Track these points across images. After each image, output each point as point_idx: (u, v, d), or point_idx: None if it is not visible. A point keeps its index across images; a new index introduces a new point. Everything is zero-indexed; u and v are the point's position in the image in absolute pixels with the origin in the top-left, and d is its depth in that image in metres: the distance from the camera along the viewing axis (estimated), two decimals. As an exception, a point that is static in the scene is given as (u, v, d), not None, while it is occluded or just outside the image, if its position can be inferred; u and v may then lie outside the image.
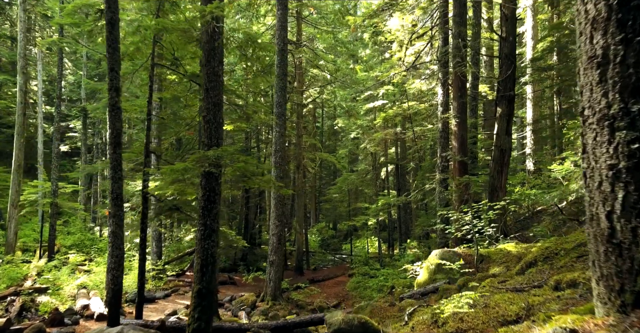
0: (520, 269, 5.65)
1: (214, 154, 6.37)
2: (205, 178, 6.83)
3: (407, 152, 24.44)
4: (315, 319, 8.07)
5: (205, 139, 6.91)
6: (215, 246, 6.83)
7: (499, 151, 12.17)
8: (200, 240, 6.79)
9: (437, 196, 12.92)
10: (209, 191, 6.85)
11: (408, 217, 27.52)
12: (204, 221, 6.82)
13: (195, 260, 6.80)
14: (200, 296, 6.58)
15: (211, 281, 6.71)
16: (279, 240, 14.28)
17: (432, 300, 7.28)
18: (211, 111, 7.01)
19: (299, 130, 21.77)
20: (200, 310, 6.52)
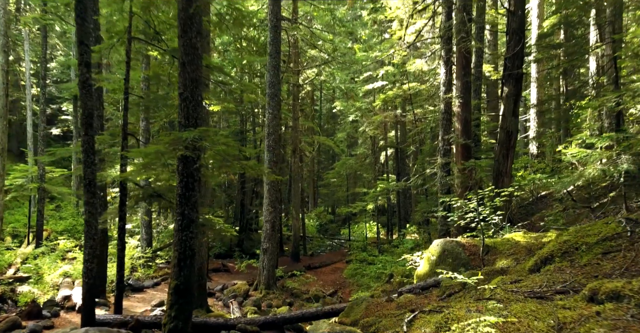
0: (535, 265, 5.00)
1: (189, 135, 5.66)
2: (182, 162, 6.13)
3: (408, 135, 23.69)
4: (306, 314, 7.48)
5: (182, 119, 6.19)
6: (194, 238, 6.17)
7: (504, 134, 11.44)
8: (177, 231, 6.13)
9: (439, 182, 12.26)
10: (187, 177, 6.16)
11: (407, 202, 26.93)
12: (182, 210, 6.15)
13: (172, 253, 6.15)
14: (177, 293, 5.95)
15: (190, 277, 6.07)
16: (273, 226, 13.67)
17: (433, 295, 6.67)
18: (188, 88, 6.26)
19: (295, 113, 20.98)
20: (177, 308, 5.90)
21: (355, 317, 6.49)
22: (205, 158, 6.51)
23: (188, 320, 5.97)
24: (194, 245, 6.18)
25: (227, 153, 6.11)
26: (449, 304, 5.28)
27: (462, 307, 3.69)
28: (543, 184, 16.75)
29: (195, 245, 6.21)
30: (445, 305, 5.63)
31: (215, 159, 6.32)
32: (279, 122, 14.11)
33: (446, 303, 5.82)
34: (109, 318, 7.61)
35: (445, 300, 6.09)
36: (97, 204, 7.43)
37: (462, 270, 7.40)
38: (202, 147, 5.89)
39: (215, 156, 6.21)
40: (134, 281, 13.17)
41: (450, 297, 6.11)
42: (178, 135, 5.70)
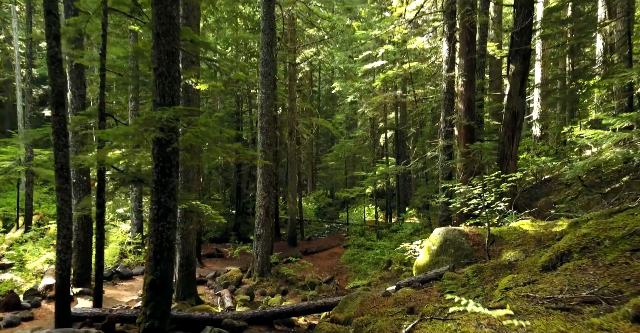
0: (549, 261, 4.44)
1: (162, 115, 5.03)
2: (157, 145, 5.52)
3: (408, 116, 22.98)
4: (297, 309, 6.98)
5: (158, 98, 5.55)
6: (172, 229, 5.61)
7: (510, 114, 10.79)
8: (153, 221, 5.57)
9: (440, 165, 11.66)
10: (163, 161, 5.56)
11: (407, 185, 26.40)
12: (158, 198, 5.57)
13: (147, 245, 5.61)
14: (153, 289, 5.41)
15: (167, 271, 5.53)
16: (267, 211, 13.13)
17: (434, 289, 6.15)
18: (164, 62, 5.60)
19: (291, 93, 20.24)
20: (153, 305, 5.37)
21: (349, 313, 5.98)
22: (184, 141, 5.89)
23: (165, 318, 5.45)
24: (171, 236, 5.62)
25: (207, 135, 5.50)
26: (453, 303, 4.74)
27: (471, 318, 3.13)
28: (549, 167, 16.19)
29: (173, 236, 5.65)
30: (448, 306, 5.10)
31: (195, 142, 5.70)
32: (272, 103, 13.44)
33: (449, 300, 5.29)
34: (85, 312, 7.11)
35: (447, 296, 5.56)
36: (70, 190, 6.86)
37: (464, 262, 6.88)
38: (178, 128, 5.26)
39: (196, 138, 5.60)
40: (122, 268, 12.70)
41: (453, 293, 5.58)
42: (150, 115, 5.08)
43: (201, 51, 8.55)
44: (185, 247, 10.09)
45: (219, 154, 6.10)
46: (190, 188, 10.14)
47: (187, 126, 5.29)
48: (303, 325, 7.65)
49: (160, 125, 5.21)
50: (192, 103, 10.14)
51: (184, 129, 5.27)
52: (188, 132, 5.55)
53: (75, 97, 10.52)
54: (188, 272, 10.13)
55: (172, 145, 5.42)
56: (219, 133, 5.65)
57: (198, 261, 15.11)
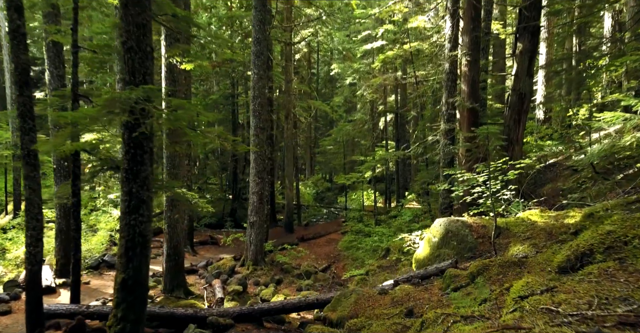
0: (566, 261, 3.90)
1: (129, 96, 4.43)
2: (127, 130, 4.93)
3: (408, 99, 22.27)
4: (287, 306, 6.50)
5: (127, 76, 4.93)
6: (146, 222, 5.06)
7: (517, 96, 10.18)
8: (124, 214, 5.01)
9: (441, 150, 11.08)
10: (134, 147, 4.98)
11: (407, 169, 25.86)
12: (129, 188, 5.00)
13: (118, 240, 5.07)
14: (125, 288, 4.89)
15: (141, 269, 5.00)
16: (260, 198, 12.60)
17: (435, 287, 5.64)
18: (133, 35, 4.97)
19: (287, 75, 19.50)
20: (125, 307, 4.86)
21: (343, 312, 5.49)
22: (160, 125, 5.30)
23: (139, 321, 4.94)
24: (145, 231, 5.07)
25: (181, 118, 4.90)
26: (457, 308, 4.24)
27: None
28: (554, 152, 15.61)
29: (148, 230, 5.11)
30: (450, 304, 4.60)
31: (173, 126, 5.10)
32: (265, 84, 12.76)
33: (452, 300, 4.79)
34: (60, 308, 6.63)
35: (450, 295, 5.06)
36: (38, 178, 6.29)
37: (468, 256, 6.36)
38: (149, 110, 4.66)
39: (174, 122, 5.00)
40: (110, 257, 12.23)
41: (456, 292, 5.08)
42: (115, 95, 4.48)
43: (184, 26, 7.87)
44: (172, 237, 9.58)
45: (198, 140, 5.52)
46: (177, 175, 9.58)
47: (158, 109, 4.68)
48: (295, 321, 7.18)
49: (127, 107, 4.61)
50: (177, 84, 9.50)
51: (156, 112, 4.67)
52: (164, 116, 4.94)
53: (53, 78, 9.86)
54: (176, 263, 9.65)
55: (146, 130, 4.83)
56: (196, 115, 5.04)
57: (190, 249, 14.68)
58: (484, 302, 4.00)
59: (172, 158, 9.48)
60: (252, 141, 12.37)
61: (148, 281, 5.18)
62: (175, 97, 9.47)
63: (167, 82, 9.40)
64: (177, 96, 9.53)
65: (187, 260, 13.76)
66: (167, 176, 9.52)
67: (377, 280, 10.85)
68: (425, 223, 14.29)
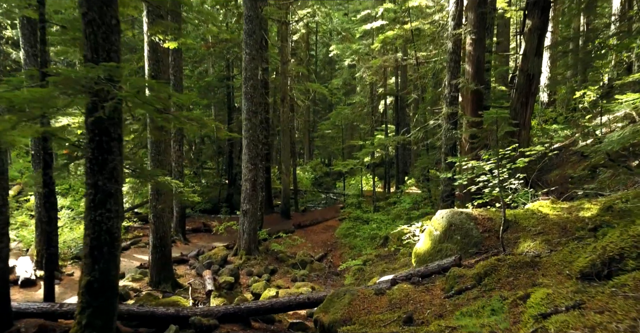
0: (591, 267, 3.37)
1: (87, 75, 3.83)
2: (91, 114, 4.34)
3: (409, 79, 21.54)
4: (276, 305, 6.00)
5: (88, 52, 4.32)
6: (113, 218, 4.51)
7: (524, 77, 9.54)
8: (89, 209, 4.46)
9: (443, 135, 10.48)
10: (99, 134, 4.41)
11: (407, 153, 25.30)
12: (94, 180, 4.44)
13: (83, 238, 4.53)
14: (91, 292, 4.38)
15: (109, 270, 4.48)
16: (254, 185, 12.06)
17: (437, 287, 5.13)
18: (94, 6, 4.33)
19: (283, 56, 18.76)
20: (91, 313, 4.35)
21: (335, 315, 4.99)
22: (131, 108, 4.70)
23: (108, 329, 4.43)
24: (113, 228, 4.53)
25: (150, 101, 4.31)
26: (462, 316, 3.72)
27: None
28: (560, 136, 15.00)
29: (116, 227, 4.56)
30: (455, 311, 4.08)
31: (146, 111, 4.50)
32: (258, 65, 12.09)
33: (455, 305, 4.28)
34: (31, 307, 6.14)
35: (454, 298, 4.55)
36: (1, 168, 5.73)
37: (473, 251, 5.84)
38: (112, 92, 4.06)
39: (144, 105, 4.40)
40: (97, 247, 11.76)
41: (461, 294, 4.57)
42: (69, 73, 3.87)
43: (165, 0, 7.20)
44: (158, 227, 9.08)
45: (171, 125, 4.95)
46: (163, 162, 9.02)
47: (121, 89, 4.07)
48: (285, 320, 6.72)
49: (88, 89, 4.01)
50: (161, 64, 8.86)
51: (118, 93, 4.06)
52: (131, 98, 4.34)
53: (29, 57, 9.21)
54: (163, 254, 9.16)
55: (98, 114, 4.22)
56: (167, 96, 4.44)
57: (182, 237, 14.22)
58: (494, 312, 3.48)
59: (157, 144, 8.91)
60: (245, 126, 11.77)
61: (117, 284, 4.65)
62: (159, 79, 8.85)
63: (151, 63, 8.76)
64: (162, 78, 8.91)
65: (178, 249, 13.32)
66: (151, 163, 8.96)
67: (374, 270, 10.40)
68: (426, 210, 13.79)
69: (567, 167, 11.35)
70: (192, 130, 5.14)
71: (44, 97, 3.79)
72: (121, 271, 10.34)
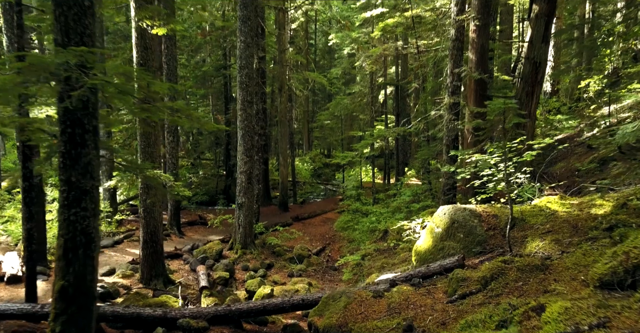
0: (612, 274, 3.03)
1: (54, 60, 3.45)
2: (63, 104, 3.97)
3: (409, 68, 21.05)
4: (269, 307, 5.69)
5: (59, 36, 3.94)
6: (90, 217, 4.16)
7: (530, 65, 9.12)
8: (62, 208, 4.11)
9: (445, 126, 10.10)
10: (72, 126, 4.03)
11: (407, 144, 24.92)
12: (67, 176, 4.08)
13: (57, 239, 4.19)
14: (65, 298, 4.04)
15: (84, 275, 4.14)
16: (249, 178, 11.71)
17: (439, 290, 4.80)
18: (64, -16, 3.94)
19: (281, 44, 18.27)
20: (65, 321, 4.02)
21: (330, 319, 4.67)
22: (108, 97, 4.32)
23: (84, 336, 4.11)
24: (89, 228, 4.18)
25: (127, 90, 3.93)
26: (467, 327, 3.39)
27: None
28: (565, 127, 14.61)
29: (93, 227, 4.21)
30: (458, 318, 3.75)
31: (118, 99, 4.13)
32: (253, 53, 11.66)
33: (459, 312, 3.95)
34: (11, 308, 5.82)
35: (457, 303, 4.23)
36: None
37: (476, 251, 5.51)
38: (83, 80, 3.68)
39: (121, 95, 4.03)
40: (88, 241, 11.44)
41: (465, 299, 4.24)
42: (38, 59, 3.49)
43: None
44: (149, 222, 8.74)
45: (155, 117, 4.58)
46: (153, 154, 8.65)
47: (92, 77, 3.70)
48: (279, 322, 6.41)
49: (55, 76, 3.63)
50: (150, 52, 8.43)
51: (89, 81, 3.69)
52: (107, 86, 3.96)
53: (11, 44, 8.76)
54: (154, 250, 8.84)
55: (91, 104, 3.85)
56: (146, 84, 4.06)
57: (177, 231, 13.91)
58: (503, 324, 3.15)
59: (146, 136, 8.53)
60: (239, 116, 11.38)
61: (95, 288, 4.32)
62: (148, 67, 8.45)
63: (139, 50, 8.34)
64: (151, 66, 8.50)
65: (173, 243, 13.01)
66: (141, 155, 8.60)
67: (373, 265, 10.10)
68: (426, 203, 13.46)
69: (572, 159, 10.99)
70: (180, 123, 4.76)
71: (5, 85, 3.42)
72: (112, 266, 10.07)
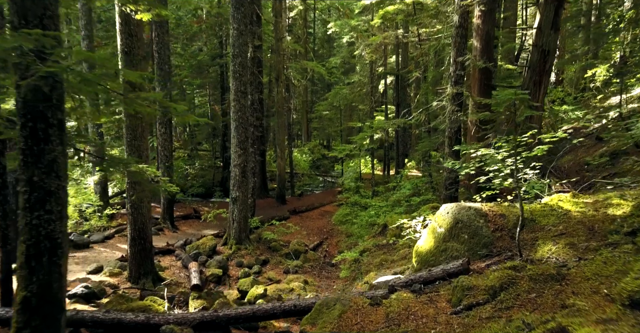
0: None
1: (5, 45, 3.00)
2: (22, 94, 3.54)
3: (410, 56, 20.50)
4: (259, 313, 5.30)
5: (14, 18, 3.49)
6: (55, 221, 3.75)
7: (539, 53, 8.65)
8: (24, 211, 3.69)
9: (448, 118, 9.63)
10: (34, 119, 3.60)
11: (407, 134, 24.44)
12: (29, 175, 3.66)
13: (18, 245, 3.77)
14: (28, 310, 3.64)
15: (50, 284, 3.74)
16: (243, 172, 11.29)
17: (441, 298, 4.41)
18: (21, -41, 3.47)
19: (277, 32, 17.71)
20: (28, 335, 3.63)
21: (324, 330, 4.29)
22: (68, 87, 3.87)
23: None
24: (55, 232, 3.77)
25: (93, 79, 3.49)
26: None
27: None
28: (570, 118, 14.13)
29: (59, 231, 3.80)
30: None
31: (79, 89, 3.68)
32: (247, 41, 11.16)
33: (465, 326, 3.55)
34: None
35: (463, 315, 3.83)
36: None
37: (482, 254, 5.10)
38: (28, 66, 3.23)
39: (81, 84, 3.59)
40: (77, 236, 11.06)
41: (471, 310, 3.84)
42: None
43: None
44: (137, 218, 8.34)
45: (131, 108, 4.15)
46: (140, 147, 8.21)
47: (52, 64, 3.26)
48: (271, 326, 6.04)
49: (9, 61, 3.19)
50: (136, 39, 7.95)
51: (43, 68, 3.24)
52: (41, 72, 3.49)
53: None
54: (143, 247, 8.45)
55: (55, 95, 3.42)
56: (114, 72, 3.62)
57: (170, 225, 13.53)
58: None
59: (132, 128, 8.09)
60: (233, 107, 10.92)
61: (63, 298, 3.92)
62: (134, 55, 7.97)
63: (123, 37, 7.86)
64: (137, 54, 8.02)
65: (166, 237, 12.65)
66: (127, 149, 8.16)
67: (372, 262, 9.72)
68: (427, 196, 13.06)
69: (580, 152, 10.56)
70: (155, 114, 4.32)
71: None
72: (100, 263, 9.69)
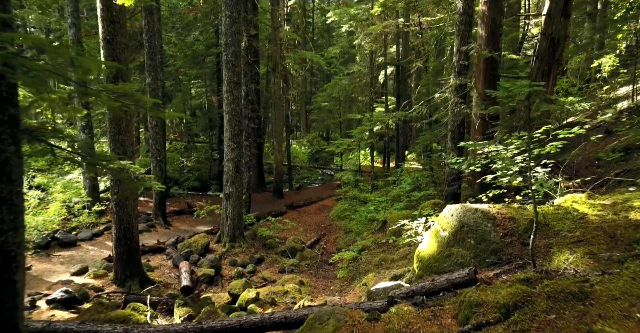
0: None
1: None
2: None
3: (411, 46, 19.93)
4: (246, 325, 4.88)
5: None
6: (9, 232, 3.29)
7: (547, 42, 8.13)
8: (-28, 220, 3.25)
9: (450, 110, 9.16)
10: (-20, 115, 3.14)
11: (407, 126, 23.92)
12: (-24, 179, 3.21)
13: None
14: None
15: (3, 303, 3.30)
16: (237, 166, 10.84)
17: (446, 313, 3.97)
18: None
19: (274, 21, 17.13)
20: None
21: (315, 348, 3.85)
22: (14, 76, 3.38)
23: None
24: (8, 244, 3.32)
25: (47, 69, 3.02)
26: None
27: None
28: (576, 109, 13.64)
29: (13, 242, 3.35)
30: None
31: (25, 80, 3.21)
32: (240, 29, 10.62)
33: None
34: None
35: (470, 336, 3.39)
36: None
37: (490, 261, 4.66)
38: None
39: (32, 74, 3.12)
40: (63, 233, 10.64)
41: (481, 331, 3.40)
42: None
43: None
44: (122, 217, 7.91)
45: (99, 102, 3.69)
46: (124, 142, 7.74)
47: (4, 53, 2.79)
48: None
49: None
50: (118, 25, 7.44)
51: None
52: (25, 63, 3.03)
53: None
54: (129, 248, 8.03)
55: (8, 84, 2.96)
56: (69, 61, 3.15)
57: (163, 221, 13.11)
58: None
59: (116, 122, 7.61)
60: (226, 99, 10.44)
61: (20, 318, 3.47)
62: (116, 43, 7.47)
63: (105, 24, 7.35)
64: (120, 42, 7.52)
65: (157, 234, 12.24)
66: (110, 144, 7.70)
67: (371, 261, 9.31)
68: (428, 191, 12.61)
69: (588, 146, 10.09)
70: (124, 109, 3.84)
71: None
72: (86, 264, 9.27)
